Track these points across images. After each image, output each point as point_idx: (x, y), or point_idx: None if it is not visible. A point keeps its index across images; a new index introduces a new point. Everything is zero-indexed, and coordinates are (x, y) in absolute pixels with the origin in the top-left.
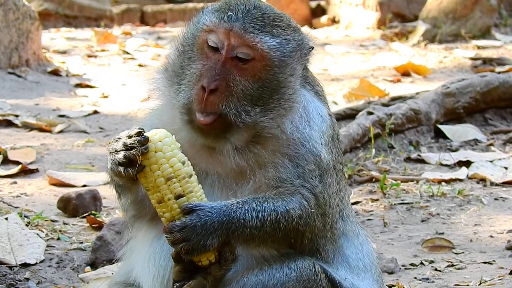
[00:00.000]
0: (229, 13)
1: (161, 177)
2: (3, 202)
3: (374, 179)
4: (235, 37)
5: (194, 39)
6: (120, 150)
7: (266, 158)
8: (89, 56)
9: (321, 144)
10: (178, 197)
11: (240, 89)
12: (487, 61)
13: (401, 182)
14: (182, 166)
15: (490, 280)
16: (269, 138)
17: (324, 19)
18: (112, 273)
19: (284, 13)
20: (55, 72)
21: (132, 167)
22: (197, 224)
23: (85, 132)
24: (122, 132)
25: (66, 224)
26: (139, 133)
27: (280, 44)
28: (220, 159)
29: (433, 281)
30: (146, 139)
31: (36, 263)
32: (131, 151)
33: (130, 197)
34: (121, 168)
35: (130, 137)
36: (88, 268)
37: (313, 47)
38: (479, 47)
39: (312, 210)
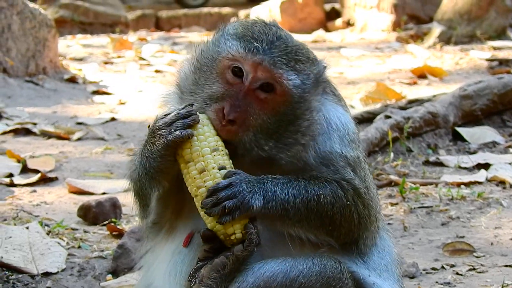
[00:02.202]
0: (255, 44)
1: (207, 147)
2: (24, 211)
3: (393, 183)
4: (263, 71)
5: (214, 61)
6: (174, 121)
7: (294, 168)
8: (106, 63)
9: (343, 150)
10: (221, 168)
11: (258, 123)
12: (503, 62)
13: (420, 185)
14: (223, 144)
15: None
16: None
17: (338, 22)
18: (134, 282)
19: (302, 43)
20: (72, 80)
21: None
22: (242, 181)
23: (103, 139)
24: (168, 111)
25: (87, 232)
26: (191, 105)
27: (302, 81)
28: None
29: (454, 285)
30: (197, 109)
31: (58, 272)
32: (189, 118)
33: (164, 186)
34: (178, 132)
35: (181, 109)
36: (110, 276)
37: (326, 66)
38: (494, 48)
39: (349, 202)
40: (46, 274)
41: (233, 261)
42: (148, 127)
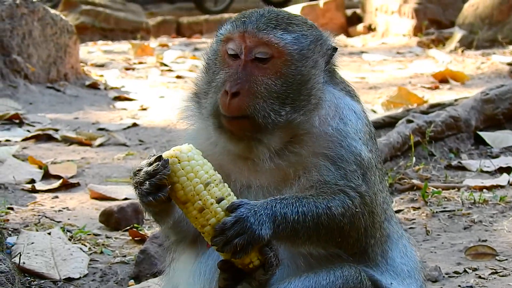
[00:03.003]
0: (243, 19)
1: (200, 184)
2: (46, 217)
3: (415, 187)
4: (250, 38)
5: (216, 53)
6: (144, 181)
7: (307, 160)
8: (127, 69)
9: (359, 140)
10: (219, 200)
11: (263, 88)
12: None
13: (443, 189)
14: (215, 172)
15: None
16: (305, 136)
17: (360, 27)
18: (157, 287)
19: (303, 17)
20: (94, 86)
21: (162, 191)
22: (248, 214)
23: (125, 145)
24: (142, 162)
25: (109, 237)
26: (159, 158)
27: (296, 39)
28: (260, 168)
29: None
30: (167, 161)
31: (80, 277)
32: (156, 177)
33: (169, 221)
34: (150, 197)
35: (150, 164)
36: (132, 281)
37: (336, 48)
38: None
39: (357, 210)
40: (68, 280)
41: (256, 286)
42: (130, 178)
